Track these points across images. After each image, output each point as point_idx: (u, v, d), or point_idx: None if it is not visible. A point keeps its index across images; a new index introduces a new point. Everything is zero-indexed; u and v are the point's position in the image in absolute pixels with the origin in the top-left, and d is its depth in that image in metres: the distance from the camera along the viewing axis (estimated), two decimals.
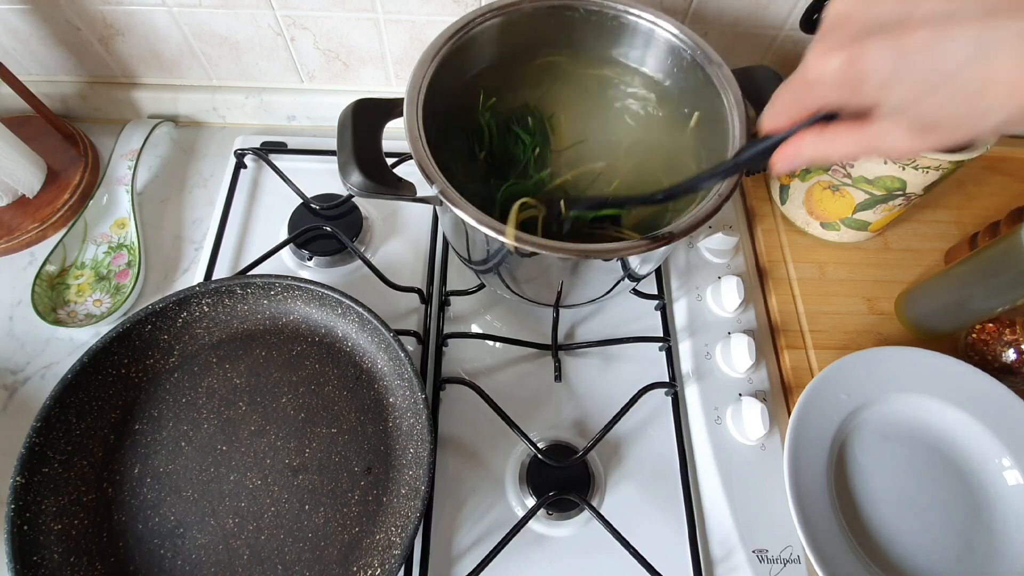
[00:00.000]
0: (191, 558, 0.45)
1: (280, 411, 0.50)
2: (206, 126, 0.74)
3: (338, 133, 0.43)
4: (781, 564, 0.48)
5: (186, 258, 0.63)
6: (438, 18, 0.60)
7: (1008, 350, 0.54)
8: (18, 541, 0.41)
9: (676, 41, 0.50)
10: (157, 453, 0.48)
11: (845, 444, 0.52)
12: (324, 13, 0.60)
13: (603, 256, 0.41)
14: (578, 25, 0.53)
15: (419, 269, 0.62)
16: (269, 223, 0.64)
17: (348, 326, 0.53)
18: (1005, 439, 0.51)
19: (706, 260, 0.62)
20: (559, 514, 0.50)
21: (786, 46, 0.64)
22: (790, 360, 0.58)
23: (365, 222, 0.63)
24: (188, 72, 0.69)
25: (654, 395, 0.55)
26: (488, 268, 0.51)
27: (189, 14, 0.61)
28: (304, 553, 0.45)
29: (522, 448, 0.53)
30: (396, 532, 0.45)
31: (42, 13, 0.61)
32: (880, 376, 0.53)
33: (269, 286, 0.52)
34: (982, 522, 0.50)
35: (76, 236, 0.62)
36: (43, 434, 0.44)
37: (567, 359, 0.58)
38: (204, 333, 0.53)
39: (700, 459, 0.53)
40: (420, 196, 0.43)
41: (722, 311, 0.59)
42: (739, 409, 0.53)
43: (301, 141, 0.69)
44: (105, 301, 0.59)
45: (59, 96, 0.70)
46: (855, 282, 0.62)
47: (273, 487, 0.47)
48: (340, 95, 0.70)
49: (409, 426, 0.49)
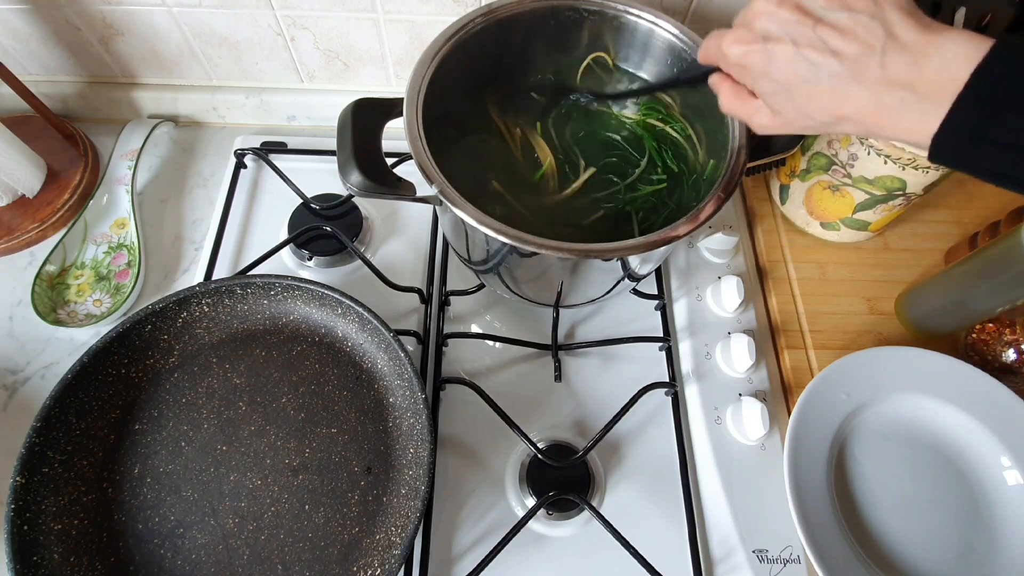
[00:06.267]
0: (191, 558, 0.45)
1: (280, 411, 0.50)
2: (206, 126, 0.74)
3: (338, 133, 0.43)
4: (781, 564, 0.48)
5: (186, 258, 0.63)
6: (438, 18, 0.60)
7: (1008, 350, 0.54)
8: (18, 541, 0.41)
9: (676, 41, 0.50)
10: (157, 453, 0.48)
11: (845, 444, 0.52)
12: (324, 13, 0.60)
13: (603, 256, 0.41)
14: (578, 25, 0.53)
15: (419, 269, 0.62)
16: (269, 223, 0.64)
17: (348, 326, 0.53)
18: (1005, 439, 0.51)
19: (706, 260, 0.62)
20: (559, 514, 0.50)
21: None
22: (790, 360, 0.58)
23: (365, 222, 0.63)
24: (188, 72, 0.69)
25: (654, 395, 0.55)
26: (488, 268, 0.51)
27: (189, 14, 0.61)
28: (304, 553, 0.45)
29: (522, 448, 0.53)
30: (396, 532, 0.45)
31: (42, 13, 0.61)
32: (880, 376, 0.53)
33: (269, 286, 0.52)
34: (982, 522, 0.50)
35: (76, 236, 0.62)
36: (43, 434, 0.44)
37: (567, 359, 0.58)
38: (204, 333, 0.53)
39: (700, 459, 0.53)
40: (420, 196, 0.43)
41: (722, 311, 0.59)
42: (739, 409, 0.53)
43: (301, 141, 0.69)
44: (105, 301, 0.59)
45: (59, 96, 0.70)
46: (855, 282, 0.62)
47: (273, 487, 0.47)
48: (340, 95, 0.70)
49: (409, 426, 0.49)
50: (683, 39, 0.50)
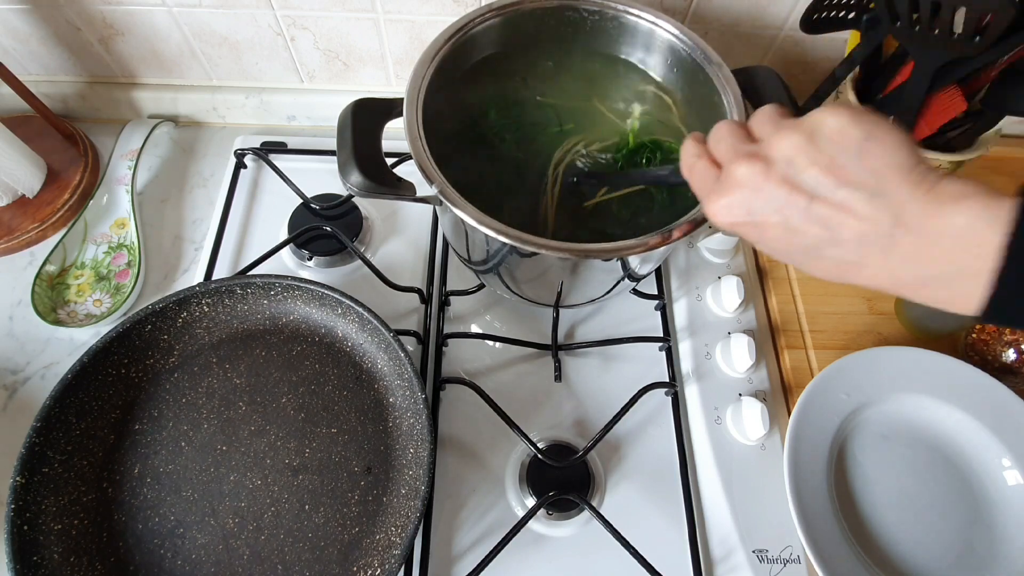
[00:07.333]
0: (191, 558, 0.45)
1: (280, 411, 0.50)
2: (206, 126, 0.74)
3: (338, 133, 0.43)
4: (781, 564, 0.48)
5: (186, 258, 0.63)
6: (438, 18, 0.60)
7: (1008, 350, 0.54)
8: (18, 541, 0.41)
9: (676, 41, 0.50)
10: (157, 453, 0.48)
11: (845, 444, 0.52)
12: (324, 13, 0.60)
13: (603, 256, 0.41)
14: (578, 25, 0.53)
15: (419, 269, 0.62)
16: (269, 223, 0.64)
17: (348, 326, 0.53)
18: (1005, 439, 0.51)
19: (706, 260, 0.62)
20: (559, 514, 0.50)
21: (786, 46, 0.64)
22: (790, 360, 0.58)
23: (365, 222, 0.63)
24: (188, 72, 0.69)
25: (654, 395, 0.55)
26: (488, 268, 0.51)
27: (189, 14, 0.61)
28: (304, 553, 0.45)
29: (522, 448, 0.53)
30: (396, 532, 0.45)
31: (42, 13, 0.61)
32: (880, 376, 0.53)
33: (269, 286, 0.52)
34: (982, 522, 0.50)
35: (76, 236, 0.62)
36: (43, 434, 0.44)
37: (567, 359, 0.58)
38: (204, 333, 0.53)
39: (700, 459, 0.53)
40: (420, 196, 0.43)
41: (722, 311, 0.59)
42: (739, 409, 0.53)
43: (301, 141, 0.69)
44: (105, 301, 0.59)
45: (59, 96, 0.70)
46: None
47: (273, 487, 0.47)
48: (340, 95, 0.70)
49: (409, 426, 0.49)
50: (683, 39, 0.50)
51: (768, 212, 0.29)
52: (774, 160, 0.29)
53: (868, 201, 0.27)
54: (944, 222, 0.26)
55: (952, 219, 0.26)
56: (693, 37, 0.49)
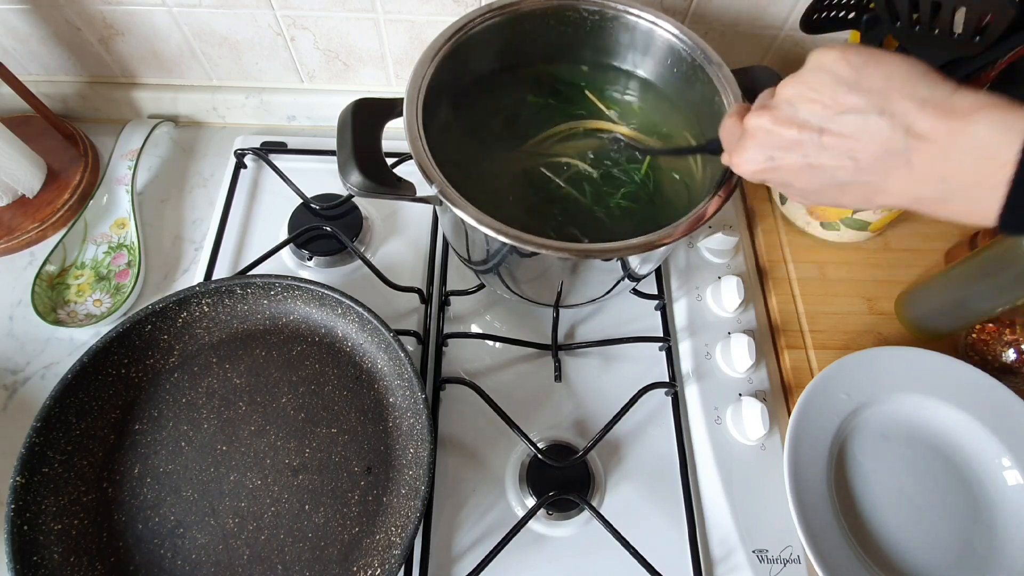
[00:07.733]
0: (191, 558, 0.45)
1: (280, 411, 0.50)
2: (206, 126, 0.74)
3: (338, 133, 0.43)
4: (781, 564, 0.48)
5: (186, 258, 0.63)
6: (438, 18, 0.60)
7: (1008, 350, 0.54)
8: (18, 541, 0.41)
9: (676, 41, 0.50)
10: (157, 453, 0.48)
11: (845, 444, 0.52)
12: (324, 13, 0.60)
13: (603, 256, 0.41)
14: (578, 25, 0.53)
15: (419, 269, 0.62)
16: (269, 223, 0.64)
17: (348, 326, 0.53)
18: (1005, 439, 0.51)
19: (706, 260, 0.62)
20: (559, 514, 0.50)
21: (786, 46, 0.64)
22: (790, 360, 0.58)
23: (365, 222, 0.63)
24: (188, 72, 0.69)
25: (654, 395, 0.55)
26: (488, 268, 0.51)
27: (189, 14, 0.61)
28: (304, 553, 0.45)
29: (522, 448, 0.53)
30: (396, 532, 0.45)
31: (42, 13, 0.61)
32: (880, 376, 0.53)
33: (269, 286, 0.52)
34: (982, 522, 0.50)
35: (76, 236, 0.62)
36: (43, 434, 0.44)
37: (567, 359, 0.58)
38: (204, 333, 0.53)
39: (700, 459, 0.53)
40: (420, 196, 0.43)
41: (722, 311, 0.59)
42: (739, 409, 0.53)
43: (301, 141, 0.69)
44: (105, 301, 0.59)
45: (59, 96, 0.70)
46: (855, 282, 0.62)
47: (273, 487, 0.47)
48: (340, 95, 0.70)
49: (409, 426, 0.49)
50: (683, 39, 0.50)
51: (785, 154, 0.31)
52: (778, 106, 0.31)
53: (876, 120, 0.28)
54: (960, 134, 0.26)
55: (968, 130, 0.26)
56: (693, 37, 0.49)
